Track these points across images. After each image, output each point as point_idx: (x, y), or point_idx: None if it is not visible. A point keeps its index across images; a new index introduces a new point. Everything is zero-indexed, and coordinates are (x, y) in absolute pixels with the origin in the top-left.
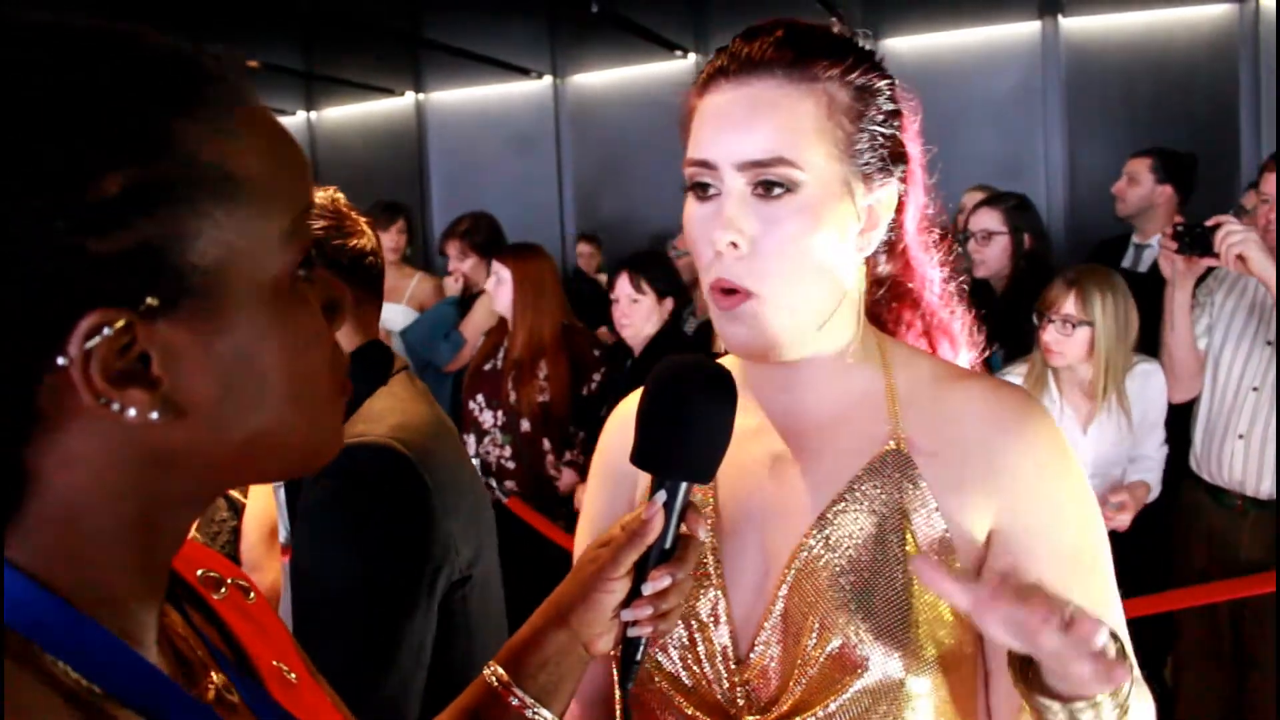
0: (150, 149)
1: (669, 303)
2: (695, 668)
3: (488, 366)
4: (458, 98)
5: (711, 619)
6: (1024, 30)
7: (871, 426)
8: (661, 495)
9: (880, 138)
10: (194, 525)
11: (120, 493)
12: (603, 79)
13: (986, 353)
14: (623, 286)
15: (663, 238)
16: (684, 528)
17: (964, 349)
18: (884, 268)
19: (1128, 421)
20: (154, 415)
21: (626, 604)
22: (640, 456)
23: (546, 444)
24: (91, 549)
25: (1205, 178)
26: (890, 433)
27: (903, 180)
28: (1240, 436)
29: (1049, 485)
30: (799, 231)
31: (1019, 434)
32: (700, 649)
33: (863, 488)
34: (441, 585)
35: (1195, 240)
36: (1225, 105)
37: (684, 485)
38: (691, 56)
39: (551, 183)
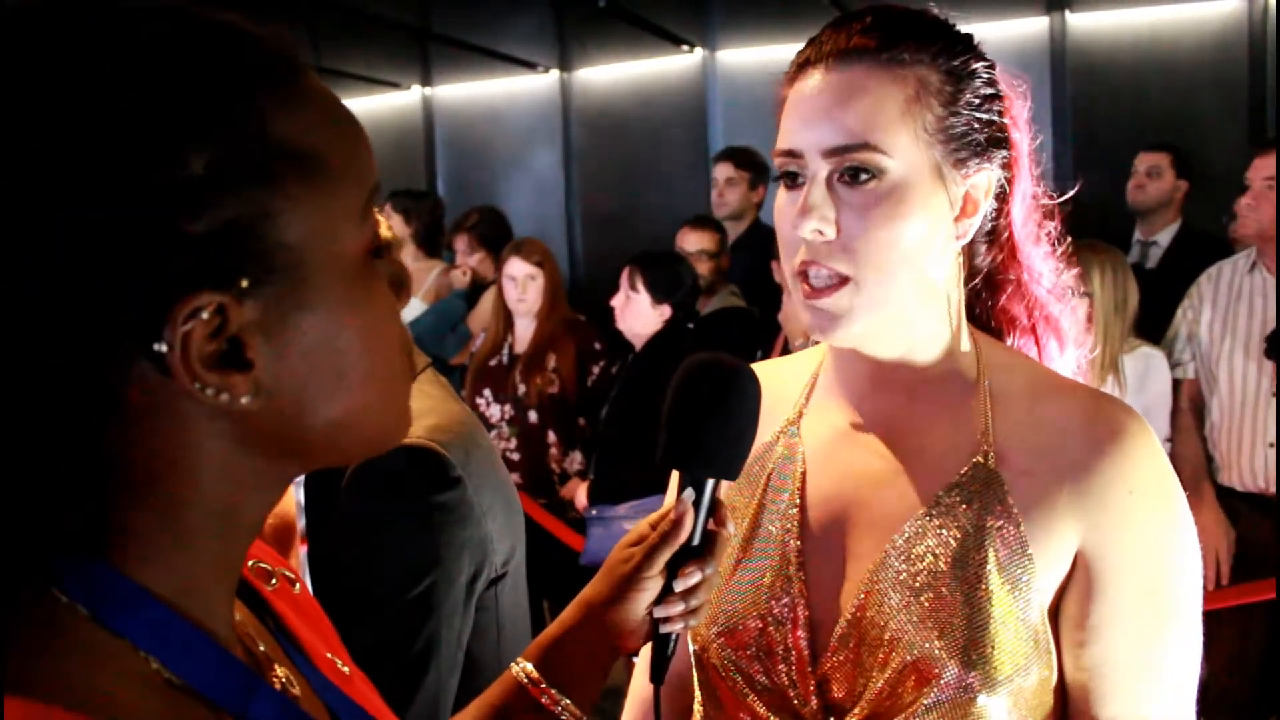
0: (231, 127)
1: (665, 309)
2: (771, 668)
3: (493, 362)
4: (464, 92)
5: (790, 620)
6: (1031, 26)
7: (962, 436)
8: (690, 493)
9: (976, 122)
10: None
11: (205, 480)
12: (609, 73)
13: (1094, 350)
14: (622, 281)
15: (669, 232)
16: (711, 524)
17: (1071, 346)
18: (984, 259)
19: (1120, 391)
20: (247, 399)
21: (658, 601)
22: (666, 454)
23: (552, 436)
24: (177, 540)
25: (1210, 175)
26: (980, 445)
27: (1005, 167)
28: (1272, 445)
29: (1140, 514)
30: (888, 217)
31: (1114, 453)
32: (778, 650)
33: (948, 502)
34: (479, 587)
35: None
36: (1232, 102)
37: (710, 482)
38: (698, 51)
39: (558, 177)
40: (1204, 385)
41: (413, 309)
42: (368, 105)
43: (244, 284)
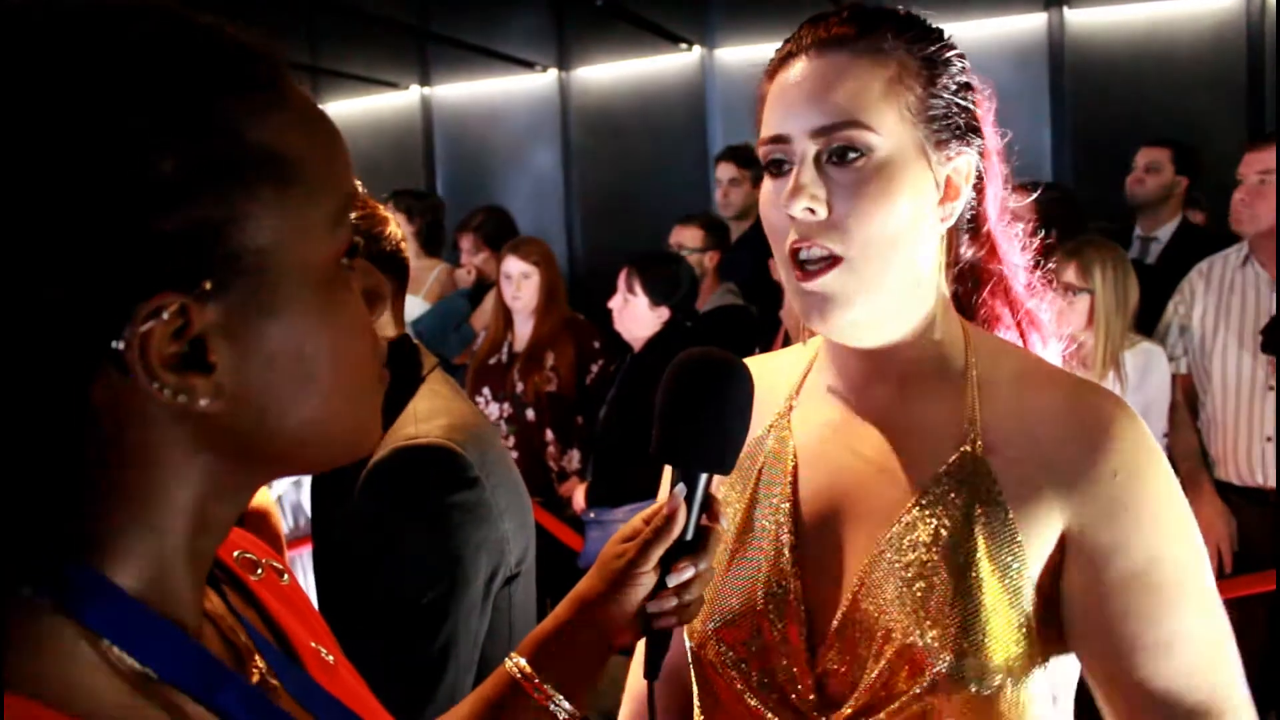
0: (202, 129)
1: (664, 311)
2: (768, 662)
3: (492, 360)
4: (463, 92)
5: (786, 615)
6: (1029, 23)
7: (950, 426)
8: (682, 488)
9: (954, 106)
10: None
11: (171, 481)
12: (608, 72)
13: (1076, 344)
14: (620, 282)
15: (669, 230)
16: (705, 519)
17: (1053, 340)
18: (968, 250)
19: (1121, 389)
20: (207, 401)
21: (651, 597)
22: (660, 449)
23: (550, 434)
24: (142, 536)
25: (1208, 171)
26: (968, 434)
27: (981, 155)
28: (1269, 439)
29: (1126, 496)
30: (877, 193)
31: (1099, 438)
32: (774, 644)
33: (937, 492)
34: (496, 585)
35: None
36: (1229, 99)
37: (703, 477)
38: (696, 49)
39: (557, 176)
40: (1197, 380)
41: (414, 308)
42: (366, 105)
43: (207, 286)
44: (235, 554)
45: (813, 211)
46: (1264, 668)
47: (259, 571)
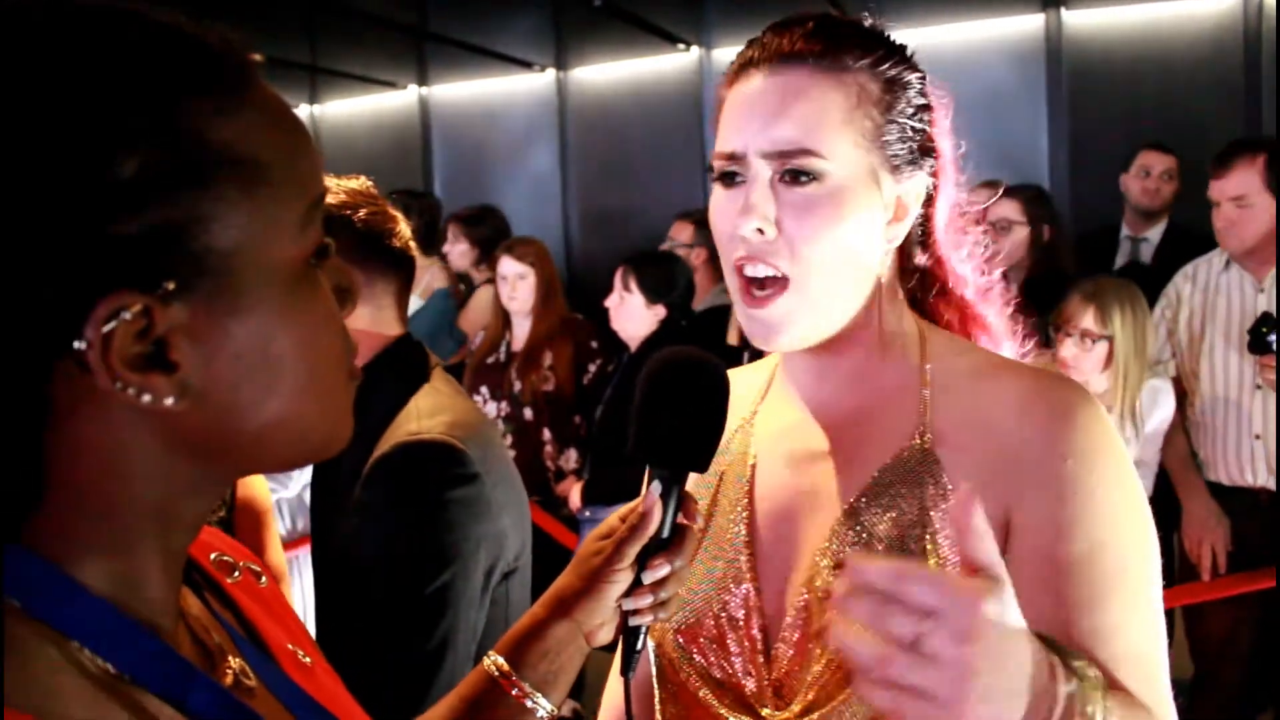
0: (164, 131)
1: (660, 309)
2: (726, 662)
3: (490, 360)
4: (461, 91)
5: (743, 613)
6: (1027, 23)
7: (901, 421)
8: (658, 486)
9: (910, 130)
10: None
11: (137, 480)
12: (606, 72)
13: (1113, 395)
14: (616, 281)
15: (666, 230)
16: (681, 517)
17: (1006, 341)
18: (919, 259)
19: (1135, 432)
20: (171, 400)
21: (627, 594)
22: (637, 447)
23: (547, 433)
24: (110, 536)
25: (1205, 172)
26: (918, 427)
27: (932, 174)
28: (1257, 437)
29: (1078, 479)
30: (826, 217)
31: (1054, 423)
32: (731, 644)
33: (887, 484)
34: (494, 580)
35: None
36: (1227, 100)
37: (679, 474)
38: (694, 49)
39: (555, 176)
40: (1185, 382)
41: (410, 306)
42: (365, 105)
43: (170, 287)
44: (212, 556)
45: (762, 232)
46: (1261, 667)
47: (236, 574)
